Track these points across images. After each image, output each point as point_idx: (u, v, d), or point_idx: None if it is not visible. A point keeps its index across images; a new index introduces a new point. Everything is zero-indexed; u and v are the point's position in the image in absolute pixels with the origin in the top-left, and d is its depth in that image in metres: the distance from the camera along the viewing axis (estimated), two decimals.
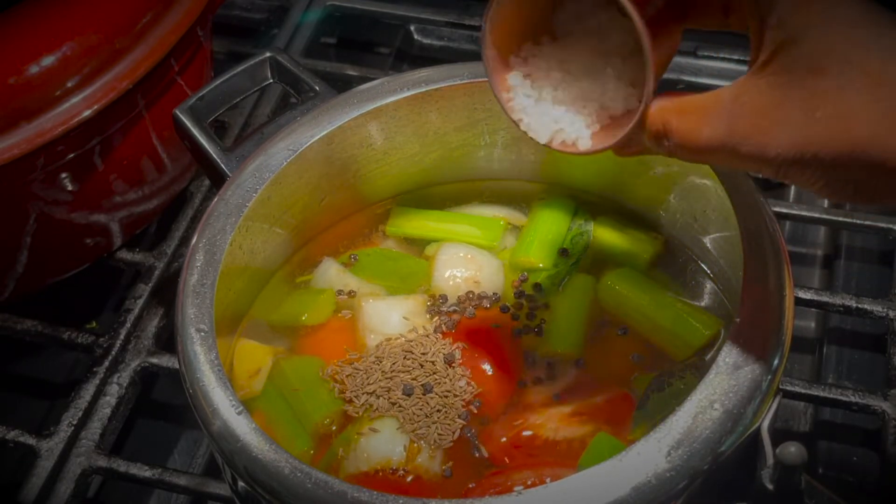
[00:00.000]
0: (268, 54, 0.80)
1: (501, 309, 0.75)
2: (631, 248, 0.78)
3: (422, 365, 0.71)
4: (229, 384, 0.62)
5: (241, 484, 0.60)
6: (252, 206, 0.71)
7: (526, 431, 0.69)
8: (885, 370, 0.83)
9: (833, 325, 0.91)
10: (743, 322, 0.61)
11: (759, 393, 0.59)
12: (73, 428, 0.81)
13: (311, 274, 0.79)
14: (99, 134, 0.82)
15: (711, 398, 0.58)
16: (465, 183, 0.84)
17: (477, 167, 0.83)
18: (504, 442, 0.69)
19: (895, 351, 0.83)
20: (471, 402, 0.70)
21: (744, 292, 0.62)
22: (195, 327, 0.65)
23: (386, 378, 0.70)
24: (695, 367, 0.70)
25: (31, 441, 0.81)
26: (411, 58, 1.17)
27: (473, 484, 0.66)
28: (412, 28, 1.17)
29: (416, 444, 0.68)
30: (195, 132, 0.77)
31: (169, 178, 0.93)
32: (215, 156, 0.76)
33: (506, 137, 0.80)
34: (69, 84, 0.78)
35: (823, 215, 0.92)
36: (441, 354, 0.71)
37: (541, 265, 0.77)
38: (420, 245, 0.81)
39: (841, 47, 0.46)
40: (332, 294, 0.77)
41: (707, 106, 0.51)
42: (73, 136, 0.79)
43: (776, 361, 0.60)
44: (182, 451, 0.88)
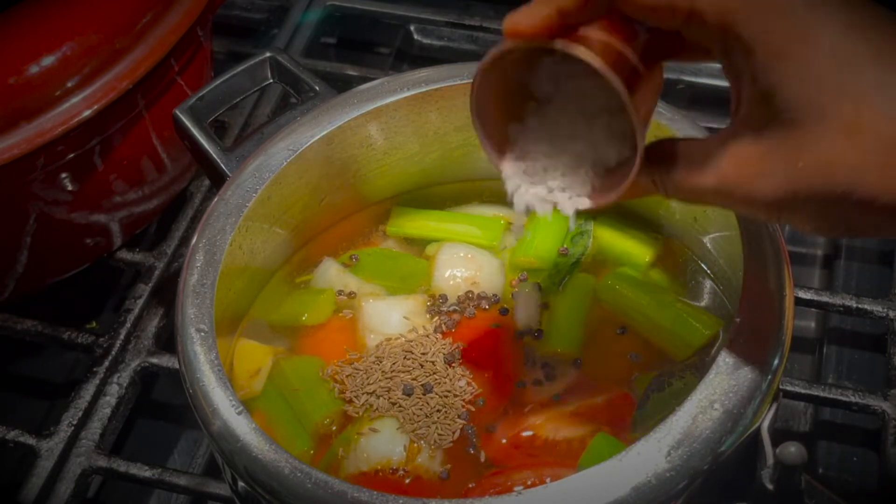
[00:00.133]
0: (268, 54, 0.80)
1: (501, 311, 0.75)
2: (631, 248, 0.78)
3: (422, 365, 0.71)
4: (229, 384, 0.62)
5: (241, 484, 0.60)
6: (252, 206, 0.71)
7: (526, 432, 0.69)
8: (885, 370, 0.83)
9: (833, 325, 0.91)
10: (743, 322, 0.61)
11: (759, 393, 0.59)
12: (73, 428, 0.81)
13: (311, 274, 0.79)
14: (99, 134, 0.82)
15: (711, 398, 0.58)
16: (465, 183, 0.84)
17: (477, 167, 0.83)
18: (504, 442, 0.69)
19: (895, 351, 0.83)
20: (471, 402, 0.70)
21: (744, 292, 0.62)
22: (195, 327, 0.65)
23: (386, 378, 0.70)
24: (695, 367, 0.70)
25: (31, 441, 0.81)
26: (411, 58, 1.17)
27: (473, 484, 0.66)
28: (412, 28, 1.17)
29: (416, 444, 0.68)
30: (195, 132, 0.77)
31: (169, 178, 0.93)
32: (215, 156, 0.76)
33: None
34: (69, 84, 0.78)
35: None
36: (441, 354, 0.71)
37: (541, 265, 0.77)
38: (420, 245, 0.81)
39: (814, 98, 0.47)
40: (331, 294, 0.77)
41: (696, 155, 0.53)
42: (73, 136, 0.79)
43: (776, 361, 0.60)
44: (182, 451, 0.88)
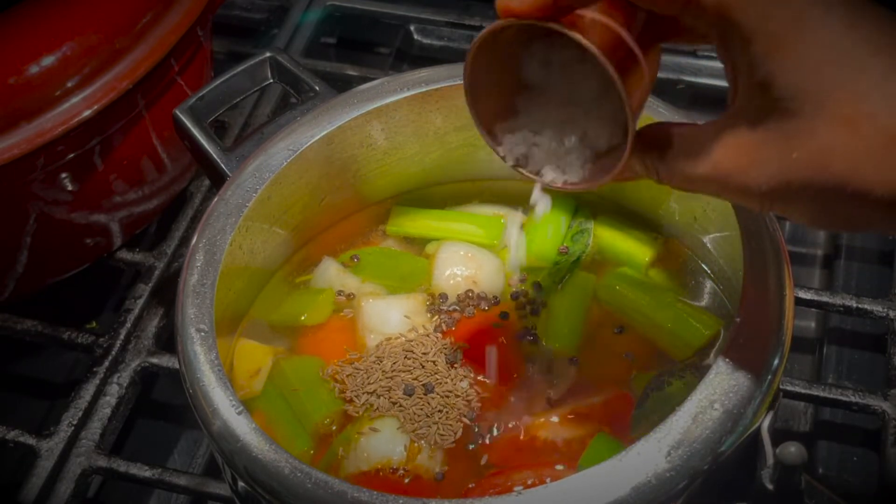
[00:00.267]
0: (268, 54, 0.80)
1: (501, 315, 0.75)
2: (631, 247, 0.78)
3: (423, 365, 0.71)
4: (229, 384, 0.62)
5: (241, 484, 0.60)
6: (252, 206, 0.71)
7: (525, 432, 0.69)
8: (885, 370, 0.83)
9: (833, 325, 0.91)
10: (743, 322, 0.61)
11: (759, 393, 0.59)
12: (73, 428, 0.81)
13: (311, 274, 0.79)
14: (99, 134, 0.82)
15: (711, 398, 0.58)
16: (465, 183, 0.84)
17: (477, 167, 0.82)
18: (503, 442, 0.69)
19: (895, 351, 0.83)
20: (472, 402, 0.70)
21: (744, 292, 0.62)
22: (195, 327, 0.65)
23: (386, 378, 0.70)
24: (694, 367, 0.70)
25: (31, 441, 0.81)
26: (411, 58, 1.17)
27: (473, 484, 0.66)
28: (412, 28, 1.17)
29: (416, 444, 0.68)
30: (195, 132, 0.77)
31: (169, 178, 0.93)
32: (215, 156, 0.76)
33: None
34: (69, 84, 0.78)
35: None
36: (442, 354, 0.71)
37: (541, 263, 0.77)
38: (420, 245, 0.81)
39: (812, 89, 0.47)
40: (331, 294, 0.77)
41: (690, 142, 0.52)
42: (73, 136, 0.79)
43: (776, 361, 0.60)
44: (182, 451, 0.88)
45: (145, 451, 0.86)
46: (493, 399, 0.71)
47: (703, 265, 0.77)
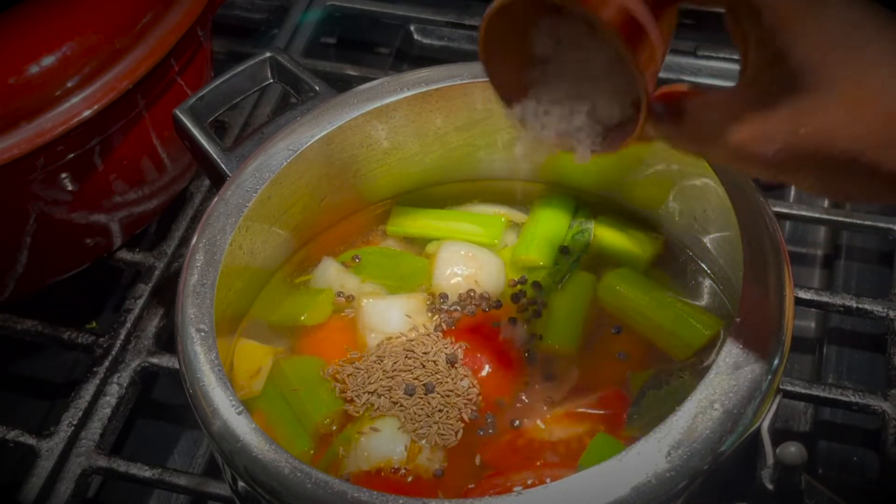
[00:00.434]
0: (268, 54, 0.80)
1: (501, 313, 0.75)
2: (631, 247, 0.78)
3: (423, 364, 0.71)
4: (229, 384, 0.62)
5: (241, 484, 0.60)
6: (252, 206, 0.71)
7: (526, 431, 0.69)
8: (885, 370, 0.83)
9: (833, 325, 0.91)
10: (743, 322, 0.61)
11: (759, 393, 0.59)
12: (73, 428, 0.81)
13: (311, 274, 0.79)
14: (99, 134, 0.82)
15: (711, 398, 0.58)
16: (465, 183, 0.84)
17: (477, 167, 0.83)
18: (504, 442, 0.69)
19: (895, 351, 0.83)
20: (472, 402, 0.70)
21: (744, 292, 0.62)
22: (195, 327, 0.65)
23: (387, 377, 0.70)
24: (693, 367, 0.70)
25: (31, 441, 0.81)
26: (411, 58, 1.17)
27: (473, 484, 0.66)
28: (412, 28, 1.17)
29: (417, 444, 0.68)
30: (195, 132, 0.77)
31: (169, 178, 0.93)
32: (215, 156, 0.76)
33: (505, 137, 0.80)
34: (69, 84, 0.78)
35: (823, 215, 0.92)
36: (443, 354, 0.71)
37: (541, 263, 0.77)
38: (420, 245, 0.81)
39: (823, 65, 0.47)
40: (330, 294, 0.77)
41: (701, 111, 0.53)
42: (73, 136, 0.79)
43: (776, 361, 0.60)
44: (182, 451, 0.88)
45: (145, 451, 0.86)
46: (493, 399, 0.71)
47: (703, 265, 0.77)
